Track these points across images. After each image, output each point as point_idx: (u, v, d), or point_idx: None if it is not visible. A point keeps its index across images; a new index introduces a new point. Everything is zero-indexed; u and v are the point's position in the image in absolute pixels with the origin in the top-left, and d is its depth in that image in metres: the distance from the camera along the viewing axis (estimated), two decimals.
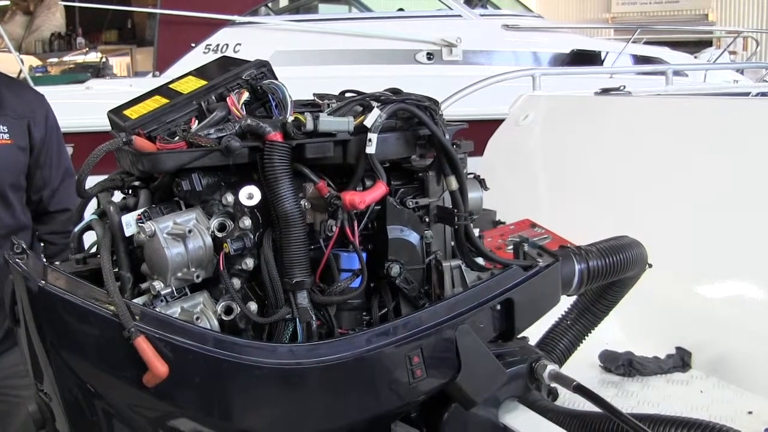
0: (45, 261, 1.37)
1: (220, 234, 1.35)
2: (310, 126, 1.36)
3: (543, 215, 2.06)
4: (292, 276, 1.34)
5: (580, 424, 1.47)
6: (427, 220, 1.51)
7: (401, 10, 7.44)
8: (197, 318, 1.33)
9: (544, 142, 3.43)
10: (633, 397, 2.12)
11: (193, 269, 1.34)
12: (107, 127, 1.55)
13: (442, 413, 1.46)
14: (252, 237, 1.36)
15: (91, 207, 1.52)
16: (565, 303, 1.85)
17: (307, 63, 6.12)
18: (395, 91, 1.49)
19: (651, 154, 2.85)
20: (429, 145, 1.46)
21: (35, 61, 8.05)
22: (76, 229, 1.51)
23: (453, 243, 1.53)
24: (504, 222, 1.96)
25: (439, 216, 1.51)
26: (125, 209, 1.41)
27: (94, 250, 1.51)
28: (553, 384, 1.55)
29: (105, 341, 1.25)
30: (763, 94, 4.36)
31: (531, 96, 3.80)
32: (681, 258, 2.38)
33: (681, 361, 2.27)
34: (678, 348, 2.30)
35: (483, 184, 1.59)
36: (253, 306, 1.37)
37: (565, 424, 1.49)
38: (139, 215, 1.37)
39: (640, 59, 7.43)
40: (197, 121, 1.40)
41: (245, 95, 1.42)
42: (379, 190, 1.39)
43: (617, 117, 3.26)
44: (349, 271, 1.42)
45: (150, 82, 5.70)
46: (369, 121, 1.36)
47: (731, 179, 2.52)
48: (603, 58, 7.31)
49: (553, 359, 1.74)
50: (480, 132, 2.28)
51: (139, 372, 1.22)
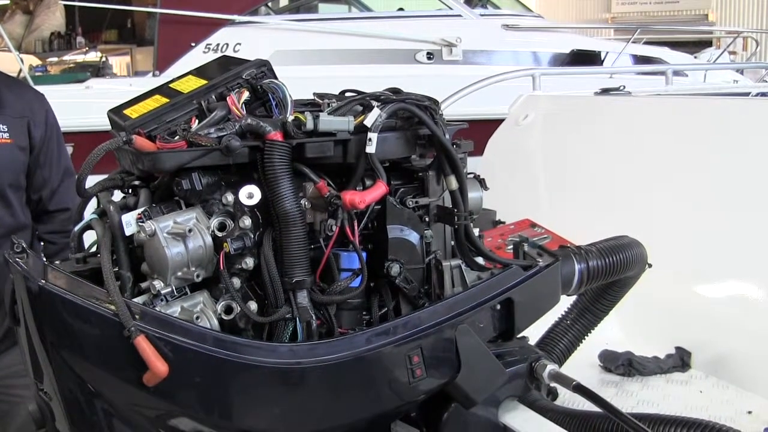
0: (45, 260, 1.37)
1: (220, 233, 1.36)
2: (310, 125, 1.36)
3: (543, 215, 2.06)
4: (292, 275, 1.34)
5: (579, 423, 1.47)
6: (427, 219, 1.51)
7: (401, 9, 7.44)
8: (197, 317, 1.33)
9: (544, 142, 3.43)
10: (633, 397, 2.12)
11: (193, 268, 1.34)
12: (107, 127, 1.55)
13: (441, 413, 1.46)
14: (252, 236, 1.36)
15: (91, 206, 1.52)
16: (565, 303, 1.85)
17: (307, 63, 6.12)
18: (395, 91, 1.49)
19: (651, 154, 2.85)
20: (429, 145, 1.47)
21: (35, 61, 8.03)
22: (76, 229, 1.52)
23: (453, 242, 1.53)
24: (504, 222, 1.96)
25: (439, 215, 1.51)
26: (125, 208, 1.41)
27: (94, 249, 1.51)
28: (553, 384, 1.55)
29: (105, 340, 1.26)
30: (763, 94, 4.37)
31: (531, 96, 3.80)
32: (681, 258, 2.38)
33: (680, 361, 2.27)
34: (677, 348, 2.30)
35: (483, 183, 1.59)
36: (253, 305, 1.37)
37: (565, 423, 1.49)
38: (139, 214, 1.37)
39: (640, 59, 7.42)
40: (197, 121, 1.40)
41: (245, 95, 1.42)
42: (379, 189, 1.39)
43: (617, 117, 3.26)
44: (349, 271, 1.42)
45: (150, 81, 5.69)
46: (369, 121, 1.36)
47: (731, 179, 2.52)
48: (603, 58, 7.30)
49: (553, 359, 1.74)
50: (480, 132, 2.28)
51: (139, 371, 1.22)
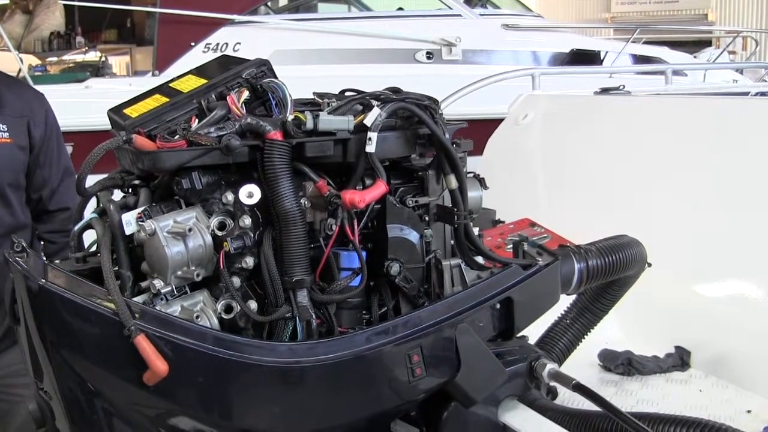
0: (45, 259, 1.37)
1: (220, 232, 1.36)
2: (310, 125, 1.36)
3: (542, 214, 2.06)
4: (292, 274, 1.34)
5: (579, 422, 1.47)
6: (427, 218, 1.51)
7: (401, 9, 7.44)
8: (197, 316, 1.33)
9: (543, 141, 3.43)
10: (632, 396, 2.12)
11: (193, 268, 1.34)
12: (107, 126, 1.55)
13: (441, 412, 1.46)
14: (252, 235, 1.36)
15: (91, 206, 1.52)
16: (565, 302, 1.85)
17: (307, 62, 6.12)
18: (395, 90, 1.49)
19: (650, 153, 2.85)
20: (429, 144, 1.47)
21: (34, 60, 8.03)
22: (75, 228, 1.52)
23: (453, 242, 1.53)
24: (503, 221, 1.96)
25: (439, 215, 1.51)
26: (125, 208, 1.41)
27: (94, 248, 1.51)
28: (553, 383, 1.55)
29: (105, 340, 1.26)
30: (763, 93, 4.37)
31: (530, 95, 3.80)
32: (680, 257, 2.38)
33: (680, 360, 2.27)
34: (677, 347, 2.30)
35: (482, 183, 1.59)
36: (253, 304, 1.37)
37: (565, 422, 1.49)
38: (139, 214, 1.37)
39: (639, 59, 7.43)
40: (197, 120, 1.40)
41: (245, 94, 1.42)
42: (379, 188, 1.39)
43: (616, 116, 3.26)
44: (349, 270, 1.42)
45: (149, 81, 5.69)
46: (369, 120, 1.37)
47: (730, 179, 2.52)
48: (602, 57, 7.31)
49: (553, 358, 1.74)
50: (479, 131, 2.29)
51: (139, 370, 1.22)
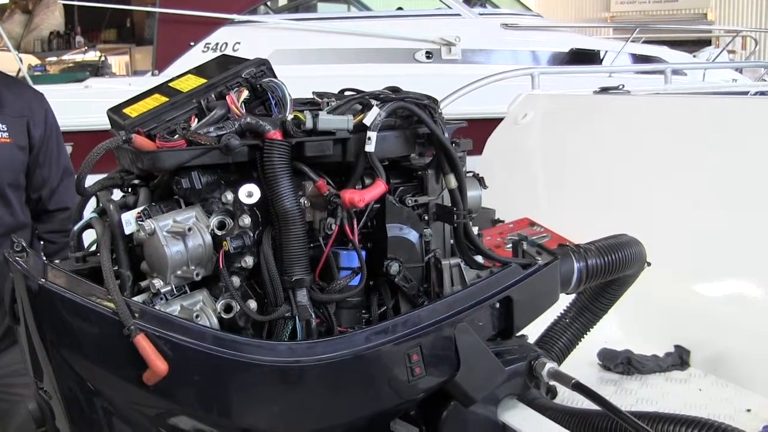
0: (44, 259, 1.37)
1: (219, 232, 1.36)
2: (309, 124, 1.36)
3: (542, 214, 2.07)
4: (291, 274, 1.34)
5: (578, 421, 1.47)
6: (426, 218, 1.51)
7: (400, 9, 7.44)
8: (197, 316, 1.33)
9: (542, 140, 3.43)
10: (632, 395, 2.12)
11: (193, 267, 1.34)
12: (106, 126, 1.55)
13: (441, 411, 1.46)
14: (251, 235, 1.36)
15: (91, 205, 1.52)
16: (564, 301, 1.85)
17: (307, 62, 6.11)
18: (394, 90, 1.49)
19: (650, 152, 2.85)
20: (428, 144, 1.47)
21: (34, 60, 8.03)
22: (75, 228, 1.52)
23: (452, 241, 1.53)
24: (503, 220, 1.97)
25: (438, 214, 1.51)
26: (125, 207, 1.41)
27: (93, 248, 1.51)
28: (552, 382, 1.55)
29: (105, 339, 1.26)
30: (762, 93, 4.37)
31: (530, 95, 3.80)
32: (680, 256, 2.38)
33: (680, 360, 2.27)
34: (677, 346, 2.30)
35: (482, 182, 1.59)
36: (253, 304, 1.37)
37: (564, 421, 1.49)
38: (139, 213, 1.37)
39: (639, 58, 7.42)
40: (197, 120, 1.40)
41: (245, 93, 1.42)
42: (379, 188, 1.39)
43: (616, 116, 3.26)
44: (349, 269, 1.42)
45: (149, 80, 5.69)
46: (368, 120, 1.37)
47: (730, 178, 2.53)
48: (602, 57, 7.30)
49: (552, 357, 1.74)
50: (479, 131, 2.29)
51: (139, 370, 1.22)
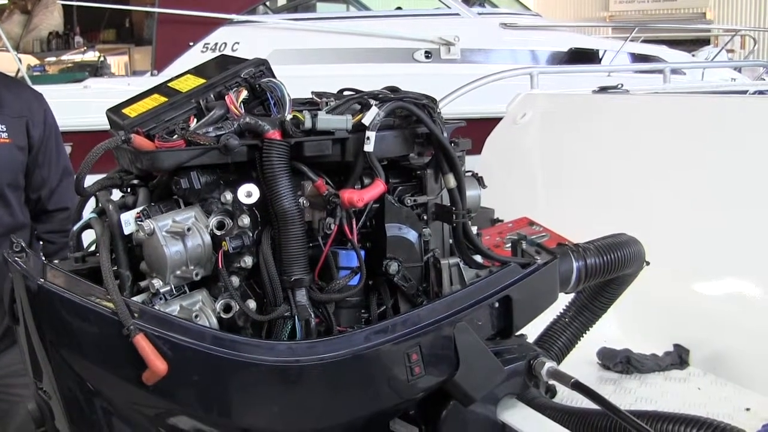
0: (44, 259, 1.38)
1: (218, 232, 1.36)
2: (308, 124, 1.36)
3: (541, 213, 2.07)
4: (290, 274, 1.35)
5: (578, 421, 1.47)
6: (426, 217, 1.51)
7: (399, 8, 7.43)
8: (196, 316, 1.34)
9: (541, 140, 3.43)
10: (631, 394, 2.12)
11: (192, 267, 1.34)
12: (105, 126, 1.55)
13: (440, 410, 1.46)
14: (251, 235, 1.37)
15: (90, 206, 1.52)
16: (563, 300, 1.85)
17: (306, 62, 6.11)
18: (393, 90, 1.49)
19: (648, 152, 2.85)
20: (427, 143, 1.47)
21: (33, 60, 8.01)
22: (74, 228, 1.52)
23: (451, 241, 1.54)
24: (502, 220, 1.96)
25: (438, 214, 1.51)
26: (124, 207, 1.41)
27: (93, 248, 1.51)
28: (552, 381, 1.55)
29: (104, 339, 1.26)
30: (761, 92, 4.37)
31: (529, 94, 3.80)
32: (678, 255, 2.38)
33: (679, 359, 2.27)
34: (676, 345, 2.30)
35: (481, 182, 1.59)
36: (252, 304, 1.37)
37: (564, 421, 1.49)
38: (138, 213, 1.37)
39: (637, 57, 7.41)
40: (196, 120, 1.40)
41: (244, 93, 1.42)
42: (378, 188, 1.40)
43: (615, 115, 3.26)
44: (348, 269, 1.42)
45: (148, 81, 5.69)
46: (367, 119, 1.37)
47: (729, 177, 2.53)
48: (601, 56, 7.30)
49: (552, 356, 1.74)
50: (478, 130, 2.28)
51: (138, 370, 1.22)
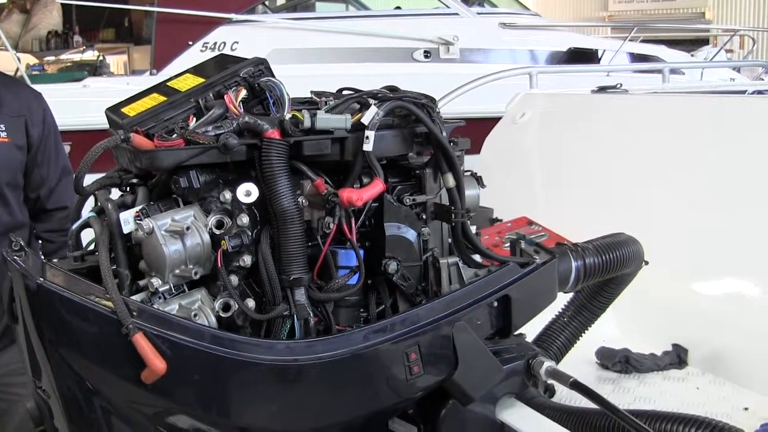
0: (43, 258, 1.38)
1: (217, 231, 1.36)
2: (307, 123, 1.36)
3: (540, 213, 2.07)
4: (289, 273, 1.35)
5: (577, 420, 1.47)
6: (424, 217, 1.51)
7: (398, 8, 7.44)
8: (195, 315, 1.34)
9: (541, 139, 3.44)
10: (629, 394, 2.12)
11: (191, 266, 1.34)
12: (105, 125, 1.56)
13: (439, 410, 1.46)
14: (250, 234, 1.37)
15: (89, 205, 1.52)
16: (562, 300, 1.85)
17: (305, 61, 6.11)
18: (392, 89, 1.49)
19: (647, 151, 2.85)
20: (426, 143, 1.47)
21: (32, 60, 8.00)
22: (74, 227, 1.52)
23: (450, 240, 1.54)
24: (501, 219, 1.96)
25: (436, 213, 1.51)
26: (123, 206, 1.41)
27: (92, 247, 1.51)
28: (550, 380, 1.56)
29: (103, 338, 1.26)
30: (760, 92, 4.37)
31: (528, 94, 3.80)
32: (677, 255, 2.38)
33: (677, 358, 2.27)
34: (674, 345, 2.30)
35: (480, 181, 1.59)
36: (251, 303, 1.37)
37: (562, 420, 1.49)
38: (137, 212, 1.37)
39: (636, 57, 7.42)
40: (195, 119, 1.40)
41: (243, 93, 1.42)
42: (377, 187, 1.40)
43: (614, 115, 3.27)
44: (347, 268, 1.42)
45: (147, 80, 5.69)
46: (366, 119, 1.37)
47: (728, 177, 2.53)
48: (600, 56, 7.31)
49: (550, 356, 1.74)
50: (477, 130, 2.28)
51: (137, 368, 1.22)
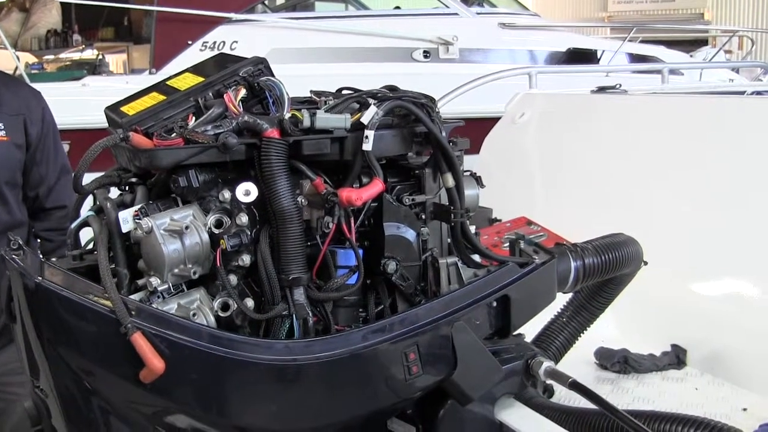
0: (41, 257, 1.37)
1: (216, 230, 1.36)
2: (307, 123, 1.36)
3: (539, 213, 2.07)
4: (288, 272, 1.34)
5: (575, 420, 1.47)
6: (424, 217, 1.51)
7: (398, 8, 7.44)
8: (194, 314, 1.33)
9: (540, 140, 3.43)
10: (628, 394, 2.12)
11: (190, 265, 1.34)
12: (104, 124, 1.55)
13: (438, 410, 1.46)
14: (249, 233, 1.36)
15: (88, 204, 1.52)
16: (561, 300, 1.85)
17: (304, 61, 6.11)
18: (392, 89, 1.49)
19: (646, 152, 2.85)
20: (425, 143, 1.47)
21: (31, 58, 7.99)
22: (72, 226, 1.52)
23: (449, 240, 1.54)
24: (500, 219, 1.96)
25: (436, 213, 1.51)
26: (122, 205, 1.41)
27: (90, 246, 1.51)
28: (549, 381, 1.56)
29: (101, 337, 1.26)
30: (758, 92, 4.38)
31: (527, 94, 3.80)
32: (676, 255, 2.38)
33: (676, 359, 2.27)
34: (673, 345, 2.30)
35: (479, 181, 1.59)
36: (250, 302, 1.37)
37: (561, 420, 1.49)
38: (136, 211, 1.37)
39: (636, 58, 7.43)
40: (194, 118, 1.40)
41: (242, 92, 1.42)
42: (376, 187, 1.39)
43: (613, 115, 3.27)
44: (346, 268, 1.42)
45: (146, 79, 5.68)
46: (366, 118, 1.37)
47: (726, 177, 2.53)
48: (599, 56, 7.32)
49: (549, 356, 1.74)
50: (476, 130, 2.28)
51: (136, 368, 1.22)
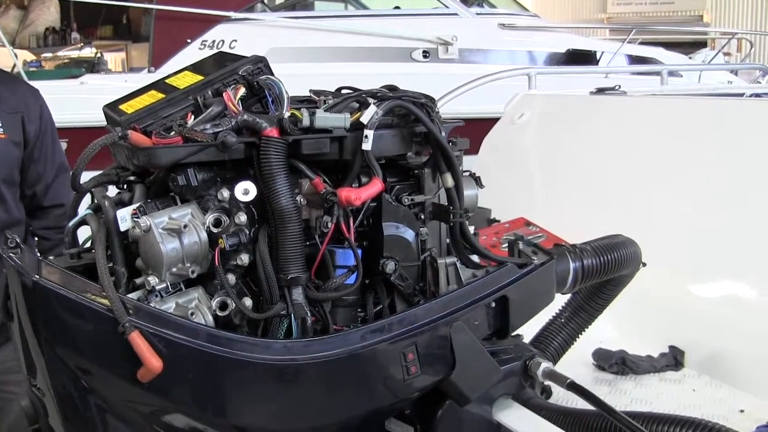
0: (39, 256, 1.37)
1: (215, 229, 1.35)
2: (306, 122, 1.36)
3: (538, 214, 2.06)
4: (287, 272, 1.34)
5: (573, 421, 1.47)
6: (423, 217, 1.51)
7: (398, 8, 7.44)
8: (192, 313, 1.33)
9: (539, 140, 3.44)
10: (626, 395, 2.12)
11: (188, 264, 1.34)
12: (102, 122, 1.55)
13: (436, 410, 1.46)
14: (247, 233, 1.36)
15: (86, 202, 1.52)
16: (560, 301, 1.85)
17: (304, 60, 6.11)
18: (392, 89, 1.49)
19: (645, 153, 2.85)
20: (425, 143, 1.47)
21: (29, 56, 7.98)
22: (70, 224, 1.51)
23: (448, 240, 1.53)
24: (499, 220, 1.96)
25: (435, 213, 1.51)
26: (120, 204, 1.41)
27: (88, 245, 1.51)
28: (547, 381, 1.56)
29: (99, 336, 1.25)
30: (757, 95, 4.38)
31: (526, 95, 3.80)
32: (675, 257, 2.38)
33: (674, 360, 2.27)
34: (671, 347, 2.30)
35: (478, 181, 1.59)
36: (248, 302, 1.37)
37: (559, 421, 1.49)
38: (135, 210, 1.37)
39: (635, 59, 7.44)
40: (193, 117, 1.40)
41: (242, 91, 1.42)
42: (375, 186, 1.39)
43: (612, 116, 3.27)
44: (345, 268, 1.42)
45: (145, 77, 5.68)
46: (365, 118, 1.36)
47: (725, 179, 2.53)
48: (598, 57, 7.32)
49: (547, 357, 1.74)
50: (475, 130, 2.28)
51: (133, 367, 1.22)
